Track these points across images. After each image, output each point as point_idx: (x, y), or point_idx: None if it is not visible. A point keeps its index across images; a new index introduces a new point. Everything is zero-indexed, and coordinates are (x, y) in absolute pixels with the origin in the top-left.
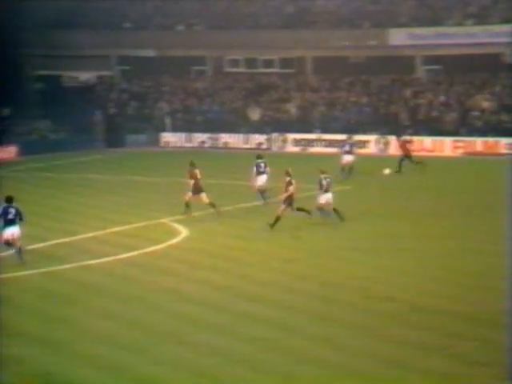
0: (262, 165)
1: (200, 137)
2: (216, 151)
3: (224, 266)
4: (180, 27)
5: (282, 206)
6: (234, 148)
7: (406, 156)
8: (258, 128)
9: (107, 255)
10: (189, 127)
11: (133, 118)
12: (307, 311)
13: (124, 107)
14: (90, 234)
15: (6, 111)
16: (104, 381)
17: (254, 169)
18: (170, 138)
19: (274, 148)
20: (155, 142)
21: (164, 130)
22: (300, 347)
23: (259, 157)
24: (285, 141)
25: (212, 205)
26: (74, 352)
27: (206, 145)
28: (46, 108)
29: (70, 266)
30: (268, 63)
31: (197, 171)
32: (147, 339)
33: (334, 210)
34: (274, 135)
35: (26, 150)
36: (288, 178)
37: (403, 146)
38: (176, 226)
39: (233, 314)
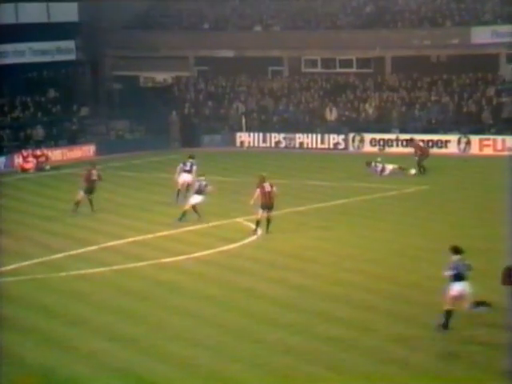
0: (189, 164)
1: (275, 137)
2: (291, 151)
3: (299, 266)
4: (257, 28)
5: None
6: (310, 148)
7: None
8: (334, 128)
9: (182, 253)
10: (264, 127)
11: (209, 118)
12: (385, 311)
13: (200, 107)
14: (165, 233)
15: (85, 111)
16: (179, 377)
17: (180, 165)
18: (245, 137)
19: (351, 148)
20: (231, 141)
21: (240, 130)
22: (378, 347)
23: (191, 157)
24: (362, 141)
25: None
26: (149, 348)
27: (282, 145)
28: (123, 108)
29: (145, 263)
30: (346, 63)
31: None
32: (222, 337)
33: None
34: (351, 135)
35: (104, 149)
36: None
37: (418, 146)
38: (251, 225)
39: (308, 313)
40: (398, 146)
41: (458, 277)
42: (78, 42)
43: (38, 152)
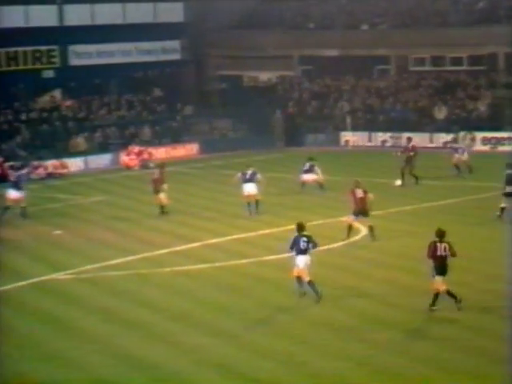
0: (308, 164)
1: (381, 136)
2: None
3: (405, 265)
4: (364, 26)
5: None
6: (419, 147)
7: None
8: (443, 127)
9: (284, 251)
10: (370, 126)
11: (313, 117)
12: (500, 312)
13: (304, 106)
14: (268, 231)
15: (189, 109)
16: (284, 374)
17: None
18: (350, 137)
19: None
20: (335, 141)
21: (344, 129)
22: (491, 349)
23: (311, 159)
24: (473, 139)
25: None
26: (251, 344)
27: (388, 144)
28: (226, 107)
29: (247, 260)
30: (456, 61)
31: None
32: (328, 335)
33: None
34: (461, 134)
35: (207, 147)
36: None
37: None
38: (356, 224)
39: (417, 313)
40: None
41: (300, 251)
42: (182, 42)
43: (143, 150)
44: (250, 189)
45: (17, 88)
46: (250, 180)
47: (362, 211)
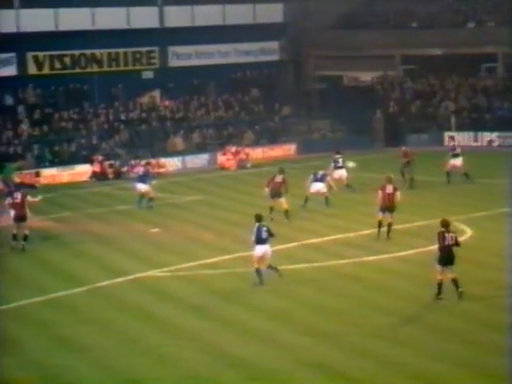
0: (340, 160)
1: (488, 135)
2: (506, 150)
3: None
4: (470, 24)
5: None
6: None
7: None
8: None
9: (383, 252)
10: (475, 126)
11: (415, 117)
12: None
13: (406, 106)
14: (367, 231)
15: (286, 110)
16: (383, 375)
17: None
18: (454, 136)
19: None
20: (438, 141)
21: (449, 129)
22: None
23: (337, 152)
24: None
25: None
26: (348, 344)
27: (495, 144)
28: (325, 108)
29: (345, 261)
30: None
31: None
32: (427, 336)
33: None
34: None
35: (305, 148)
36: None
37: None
38: (461, 225)
39: None
40: None
41: (260, 240)
42: (281, 43)
43: (240, 150)
44: (319, 187)
45: (117, 88)
46: (321, 180)
47: (388, 207)
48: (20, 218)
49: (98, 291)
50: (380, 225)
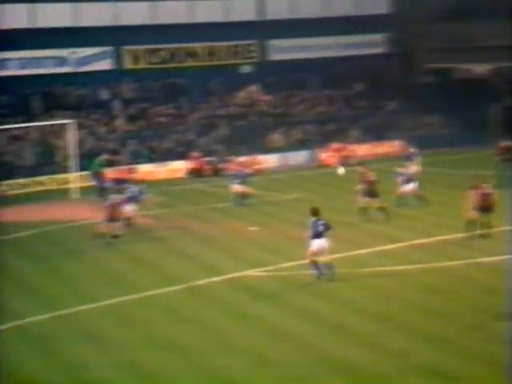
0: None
1: None
2: None
3: None
4: None
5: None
6: None
7: None
8: None
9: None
10: None
11: None
12: None
13: None
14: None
15: (393, 105)
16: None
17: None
18: None
19: None
20: None
21: None
22: None
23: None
24: None
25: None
26: (461, 349)
27: None
28: (435, 102)
29: (457, 262)
30: None
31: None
32: None
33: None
34: None
35: (413, 144)
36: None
37: None
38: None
39: None
40: None
41: (316, 234)
42: (387, 35)
43: (343, 147)
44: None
45: (214, 83)
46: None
47: (484, 207)
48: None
49: (194, 290)
50: (472, 224)
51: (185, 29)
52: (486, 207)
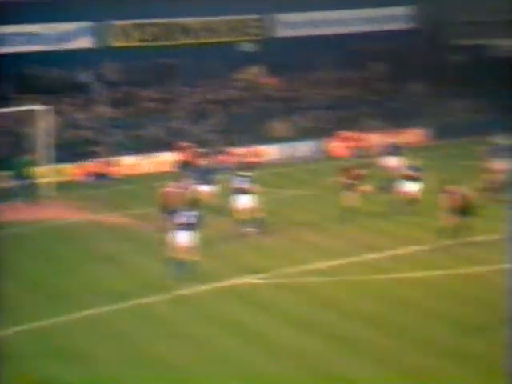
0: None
1: None
2: None
3: None
4: None
5: None
6: None
7: None
8: None
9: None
10: None
11: None
12: None
13: None
14: None
15: (418, 87)
16: None
17: None
18: None
19: None
20: None
21: None
22: None
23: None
24: None
25: None
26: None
27: None
28: (465, 84)
29: (483, 268)
30: None
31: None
32: None
33: None
34: None
35: (441, 132)
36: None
37: None
38: None
39: None
40: None
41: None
42: (411, 8)
43: (356, 136)
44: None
45: (210, 63)
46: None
47: (462, 211)
48: None
49: (180, 300)
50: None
51: (177, 2)
52: (464, 210)
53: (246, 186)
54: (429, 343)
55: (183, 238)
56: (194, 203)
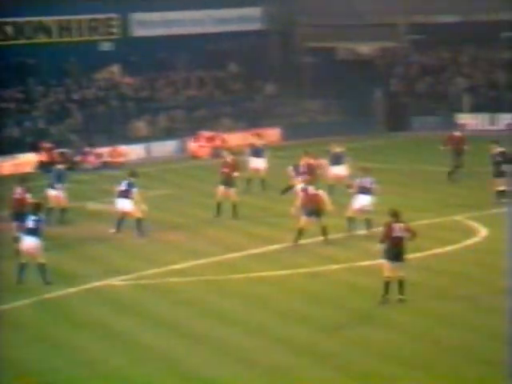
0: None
1: (507, 118)
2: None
3: None
4: None
5: None
6: None
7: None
8: None
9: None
10: (493, 106)
11: (422, 96)
12: None
13: (412, 83)
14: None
15: (271, 88)
16: None
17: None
18: (467, 119)
19: None
20: (448, 124)
21: (460, 110)
22: None
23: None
24: None
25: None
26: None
27: None
28: (316, 85)
29: (337, 266)
30: None
31: None
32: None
33: None
34: None
35: (292, 133)
36: None
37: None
38: (474, 224)
39: None
40: None
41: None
42: (264, 10)
43: (214, 136)
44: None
45: (69, 63)
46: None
47: (312, 211)
48: None
49: (45, 303)
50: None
51: (35, 0)
52: (314, 211)
53: (126, 188)
54: (285, 341)
55: (28, 242)
56: (38, 207)
